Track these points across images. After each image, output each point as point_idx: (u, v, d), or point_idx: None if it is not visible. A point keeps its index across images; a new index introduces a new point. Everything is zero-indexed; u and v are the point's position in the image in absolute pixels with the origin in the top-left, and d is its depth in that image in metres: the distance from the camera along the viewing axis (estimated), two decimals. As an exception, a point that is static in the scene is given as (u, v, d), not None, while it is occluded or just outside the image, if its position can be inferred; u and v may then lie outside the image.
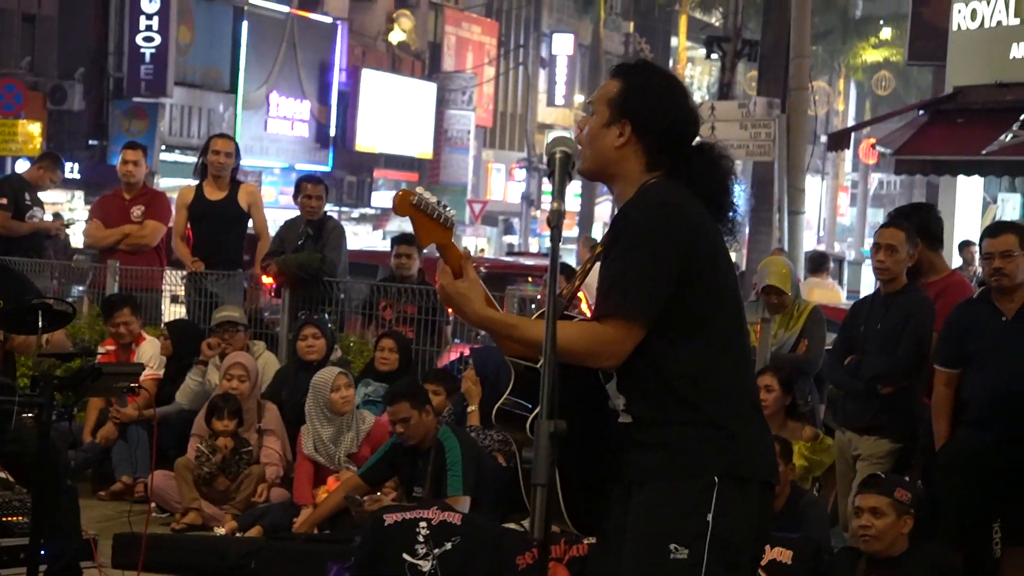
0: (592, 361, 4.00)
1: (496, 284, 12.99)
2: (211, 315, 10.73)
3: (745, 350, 4.20)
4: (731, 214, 4.16)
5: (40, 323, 6.24)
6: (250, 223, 11.61)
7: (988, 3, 17.62)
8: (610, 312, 3.95)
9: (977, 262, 14.32)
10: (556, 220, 3.81)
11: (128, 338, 10.50)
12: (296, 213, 11.64)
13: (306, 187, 11.52)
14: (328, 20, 36.41)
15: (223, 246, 11.45)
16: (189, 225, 11.54)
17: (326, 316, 10.92)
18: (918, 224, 8.01)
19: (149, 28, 28.74)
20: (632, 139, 4.09)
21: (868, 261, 9.26)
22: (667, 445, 3.99)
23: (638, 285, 3.93)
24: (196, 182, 11.63)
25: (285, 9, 34.19)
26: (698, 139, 4.21)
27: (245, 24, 32.46)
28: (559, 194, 3.85)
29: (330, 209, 12.16)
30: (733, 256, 4.35)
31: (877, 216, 49.65)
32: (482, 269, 16.22)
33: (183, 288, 11.91)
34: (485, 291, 4.00)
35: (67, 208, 26.61)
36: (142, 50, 28.82)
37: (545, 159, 4.00)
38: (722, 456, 3.98)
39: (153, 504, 9.16)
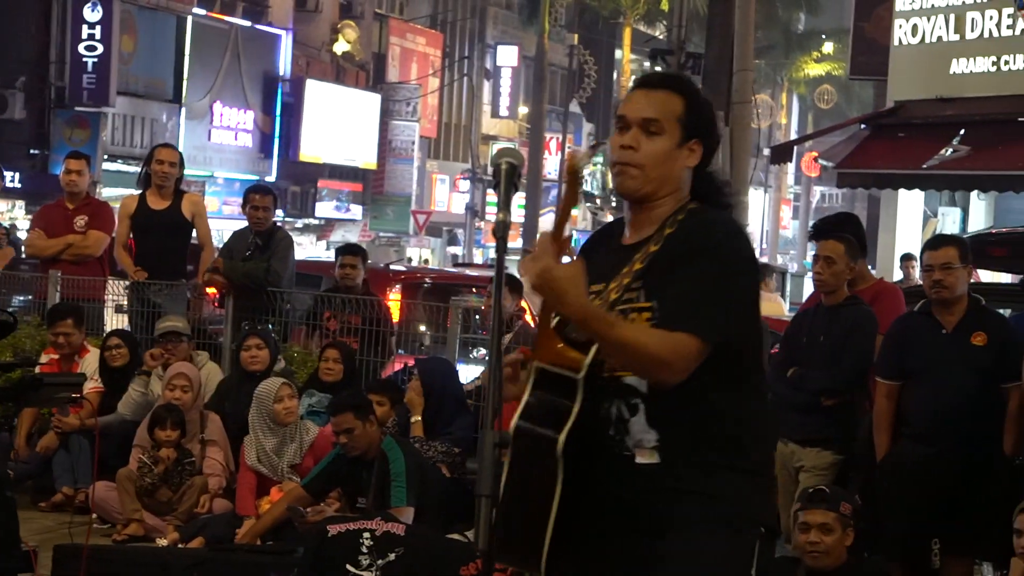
0: (663, 371, 3.72)
1: (441, 295, 12.97)
2: (154, 325, 10.67)
3: None
4: None
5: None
6: (194, 233, 11.56)
7: (929, 19, 17.79)
8: (688, 325, 3.71)
9: (917, 275, 14.44)
10: (501, 231, 3.71)
11: (68, 349, 10.43)
12: (242, 223, 11.60)
13: (253, 198, 11.48)
14: (272, 30, 36.30)
15: (167, 256, 11.36)
16: (132, 235, 11.47)
17: (270, 326, 10.89)
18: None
19: (92, 37, 28.49)
20: (701, 159, 3.93)
21: (810, 273, 9.31)
22: (706, 491, 3.77)
23: (719, 306, 3.75)
24: (139, 192, 11.56)
25: (229, 19, 34.04)
26: None
27: (188, 34, 32.28)
28: (505, 205, 3.73)
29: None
30: None
31: (819, 229, 49.87)
32: (426, 280, 16.21)
33: (126, 298, 11.83)
34: None
35: (7, 218, 26.36)
36: (84, 59, 28.57)
37: (490, 170, 3.93)
38: (764, 507, 3.87)
39: (94, 515, 9.09)
